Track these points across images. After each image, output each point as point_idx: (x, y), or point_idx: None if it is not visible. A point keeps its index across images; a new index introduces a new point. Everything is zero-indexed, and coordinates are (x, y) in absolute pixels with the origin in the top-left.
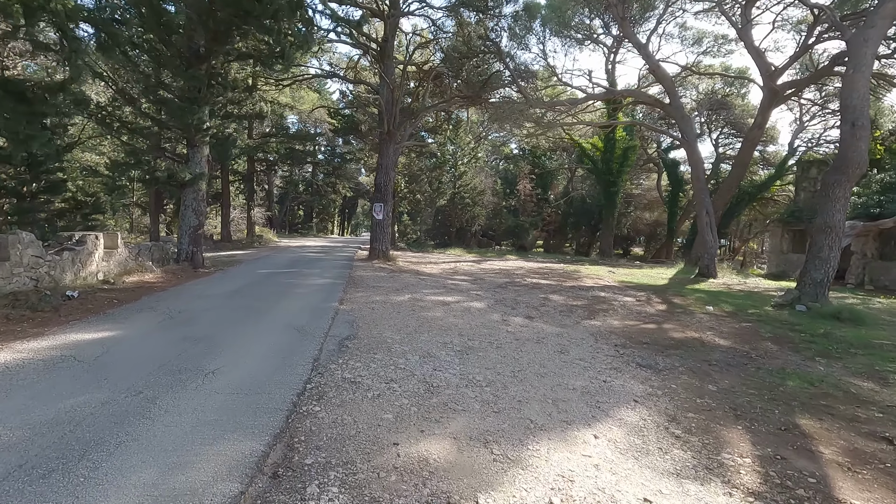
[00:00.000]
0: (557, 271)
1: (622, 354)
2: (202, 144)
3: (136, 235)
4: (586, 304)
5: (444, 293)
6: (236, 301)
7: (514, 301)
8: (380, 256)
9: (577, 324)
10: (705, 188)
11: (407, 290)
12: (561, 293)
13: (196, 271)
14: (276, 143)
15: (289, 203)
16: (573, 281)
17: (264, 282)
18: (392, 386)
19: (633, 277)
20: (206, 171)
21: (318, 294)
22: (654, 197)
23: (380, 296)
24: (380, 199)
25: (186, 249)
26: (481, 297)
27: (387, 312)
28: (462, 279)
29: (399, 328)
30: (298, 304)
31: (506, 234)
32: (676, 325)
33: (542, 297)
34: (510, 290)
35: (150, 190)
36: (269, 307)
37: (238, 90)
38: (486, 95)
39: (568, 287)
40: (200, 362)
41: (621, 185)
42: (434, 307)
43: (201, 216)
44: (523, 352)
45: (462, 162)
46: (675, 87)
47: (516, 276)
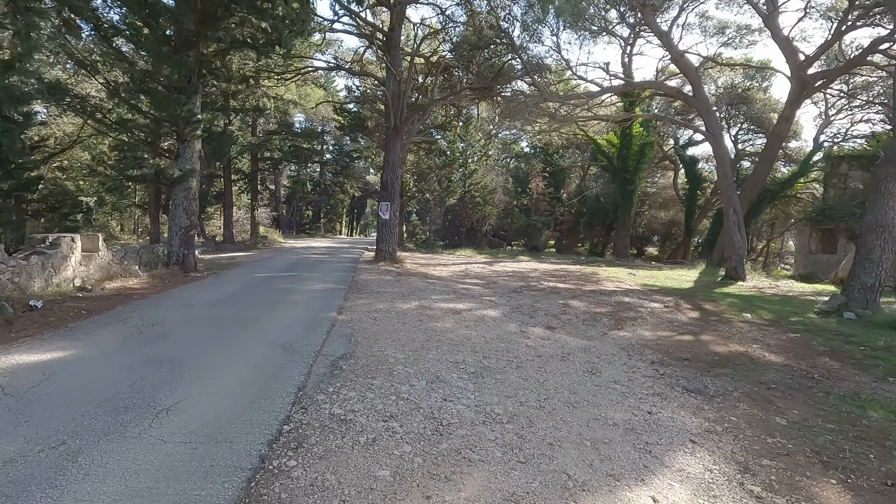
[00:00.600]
0: (574, 274)
1: (662, 375)
2: (193, 139)
3: (137, 237)
4: (611, 311)
5: (454, 299)
6: (221, 311)
7: (532, 308)
8: (386, 258)
9: (604, 335)
10: (732, 185)
11: (414, 297)
12: (581, 298)
13: (186, 276)
14: (278, 141)
15: (296, 203)
16: (593, 284)
17: (258, 288)
18: (391, 425)
19: (656, 280)
20: (197, 168)
21: (314, 302)
22: (669, 195)
23: (384, 303)
24: (386, 198)
25: (177, 252)
26: (495, 304)
27: (390, 323)
28: (474, 283)
29: (403, 343)
30: (291, 314)
31: (517, 233)
32: (715, 336)
33: (561, 304)
34: (526, 295)
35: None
36: (256, 318)
37: (234, 81)
38: (498, 88)
39: (588, 291)
40: (156, 395)
41: (638, 183)
42: (444, 316)
43: (193, 216)
44: (548, 372)
45: (472, 160)
46: (699, 78)
47: (531, 279)
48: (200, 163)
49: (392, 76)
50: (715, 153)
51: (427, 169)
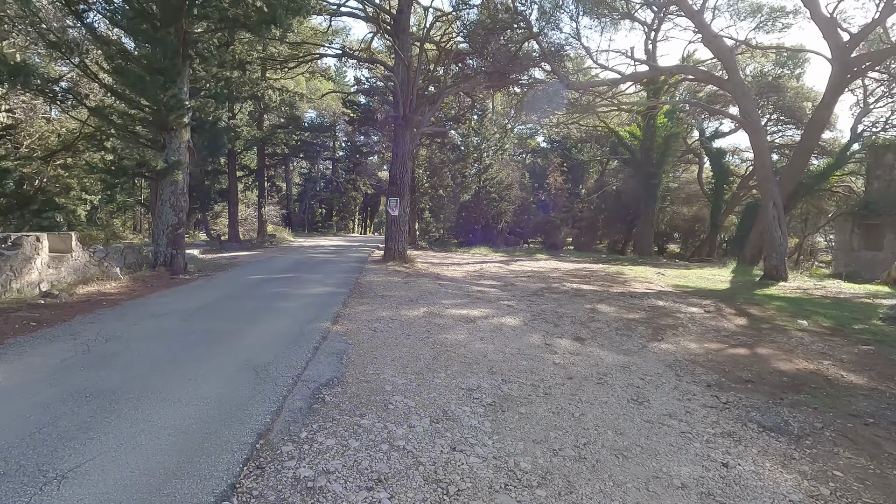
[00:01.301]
0: (598, 274)
1: (726, 404)
2: (180, 127)
3: (143, 235)
4: (646, 317)
5: (468, 304)
6: (196, 322)
7: (556, 314)
8: (395, 258)
9: (642, 348)
10: (772, 177)
11: (423, 302)
12: (610, 302)
13: (173, 278)
14: (283, 135)
15: (308, 201)
16: (620, 286)
17: (248, 292)
18: (377, 496)
19: (687, 280)
20: (184, 160)
21: (308, 309)
22: (693, 190)
23: (387, 309)
24: (395, 193)
25: (164, 252)
26: (514, 310)
27: (393, 336)
28: (489, 285)
29: (406, 363)
30: (278, 325)
31: (534, 231)
32: (774, 349)
33: (588, 309)
34: (548, 298)
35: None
36: (235, 331)
37: (228, 65)
38: (515, 76)
39: (616, 294)
40: (58, 451)
41: (662, 177)
42: (455, 326)
43: (181, 213)
44: (584, 402)
45: (488, 154)
46: (735, 61)
47: (552, 279)
48: (189, 154)
49: (401, 62)
50: (752, 142)
51: (440, 164)
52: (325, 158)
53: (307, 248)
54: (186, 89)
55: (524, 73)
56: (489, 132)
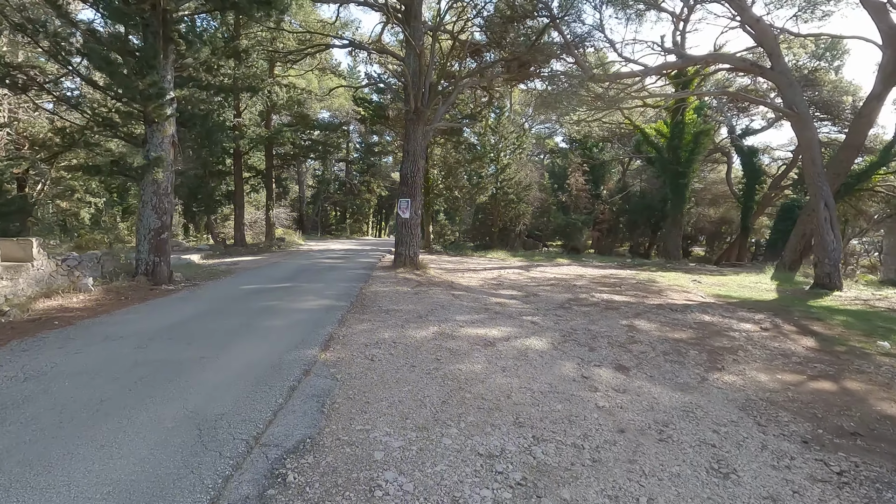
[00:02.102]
0: (628, 281)
1: (842, 476)
2: (162, 120)
3: None
4: (695, 337)
5: (485, 321)
6: (154, 349)
7: (589, 333)
8: (406, 264)
9: (702, 381)
10: (822, 174)
11: (433, 318)
12: (649, 317)
13: (153, 290)
14: (290, 133)
15: (321, 203)
16: (655, 296)
17: (233, 306)
18: None
19: (728, 289)
20: (167, 157)
21: (297, 329)
22: (719, 191)
23: (391, 329)
24: (406, 194)
25: (146, 260)
26: (540, 328)
27: (393, 367)
28: (510, 295)
29: (407, 410)
30: (253, 352)
31: (554, 233)
32: (865, 381)
33: (625, 326)
34: (577, 312)
35: None
36: (196, 362)
37: (219, 52)
38: (536, 67)
39: (654, 307)
40: None
41: (691, 177)
42: (471, 351)
43: (166, 216)
44: (648, 475)
45: (505, 154)
46: (779, 47)
47: (579, 289)
48: (174, 151)
49: (412, 51)
50: (799, 136)
51: (455, 163)
52: (339, 160)
53: (315, 253)
54: (171, 77)
55: (545, 63)
56: (506, 130)
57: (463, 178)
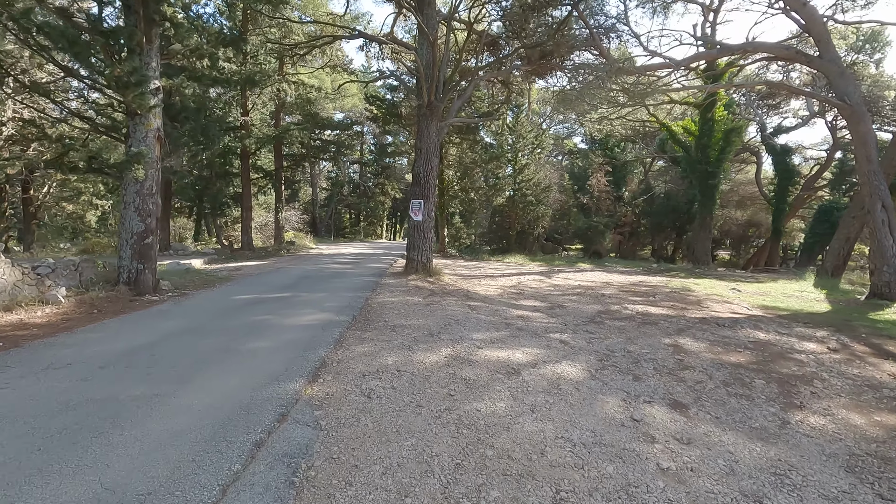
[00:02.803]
0: (661, 289)
1: None
2: (145, 111)
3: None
4: (754, 360)
5: (507, 340)
6: (99, 382)
7: (629, 356)
8: (418, 270)
9: (783, 424)
10: (879, 172)
11: (446, 335)
12: (695, 334)
13: (133, 301)
14: (298, 132)
15: (334, 206)
16: (695, 308)
17: (216, 323)
18: None
19: (773, 299)
20: (150, 153)
21: (284, 353)
22: (748, 192)
23: (396, 351)
24: (419, 195)
25: (128, 267)
26: (572, 350)
27: (394, 409)
28: (532, 307)
29: (407, 483)
30: (220, 387)
31: (574, 237)
32: None
33: (669, 346)
34: (610, 328)
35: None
36: (144, 403)
37: (212, 39)
38: (558, 59)
39: (697, 321)
40: None
41: (721, 177)
42: (492, 383)
43: (150, 218)
44: None
45: (523, 153)
46: (828, 33)
47: (608, 298)
48: (160, 146)
49: (425, 40)
50: (853, 131)
51: (471, 163)
52: (353, 162)
53: (324, 258)
54: (156, 65)
55: (568, 55)
56: (525, 129)
57: (479, 179)
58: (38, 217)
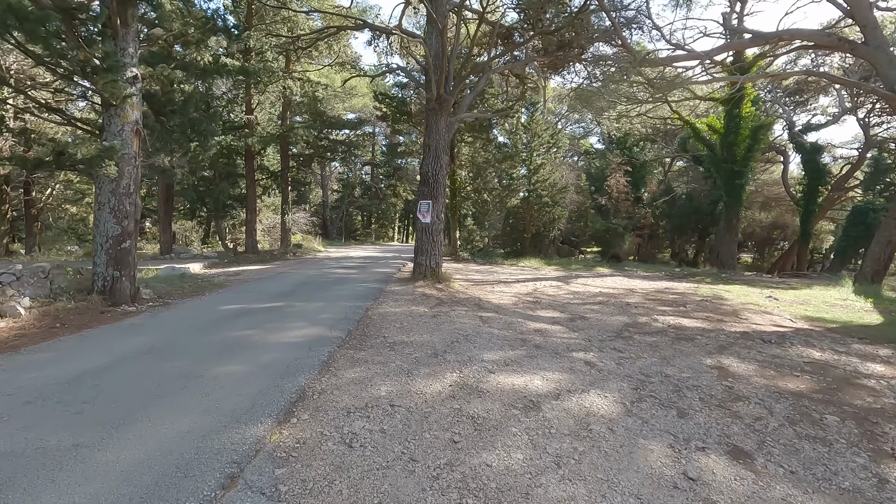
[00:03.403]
0: (690, 297)
1: None
2: (120, 102)
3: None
4: (818, 388)
5: (524, 361)
6: (16, 424)
7: (668, 382)
8: (427, 276)
9: (881, 485)
10: None
11: (453, 356)
12: (739, 353)
13: (105, 311)
14: (303, 131)
15: (345, 208)
16: (732, 319)
17: (190, 340)
18: None
19: (815, 309)
20: (126, 148)
21: (258, 380)
22: (772, 193)
23: (392, 379)
24: (427, 195)
25: (103, 274)
26: (600, 374)
27: (380, 464)
28: (550, 318)
29: None
30: (166, 431)
31: (591, 239)
32: None
33: (711, 367)
34: (641, 345)
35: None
36: (58, 456)
37: (198, 25)
38: (578, 48)
39: (738, 335)
40: None
41: (749, 176)
42: (506, 423)
43: (127, 220)
44: None
45: (538, 153)
46: (875, 18)
47: (634, 308)
48: (138, 141)
49: (434, 28)
50: None
51: (484, 163)
52: (364, 163)
53: (330, 261)
54: (133, 51)
55: (588, 46)
56: (540, 128)
57: (493, 180)
58: (41, 219)
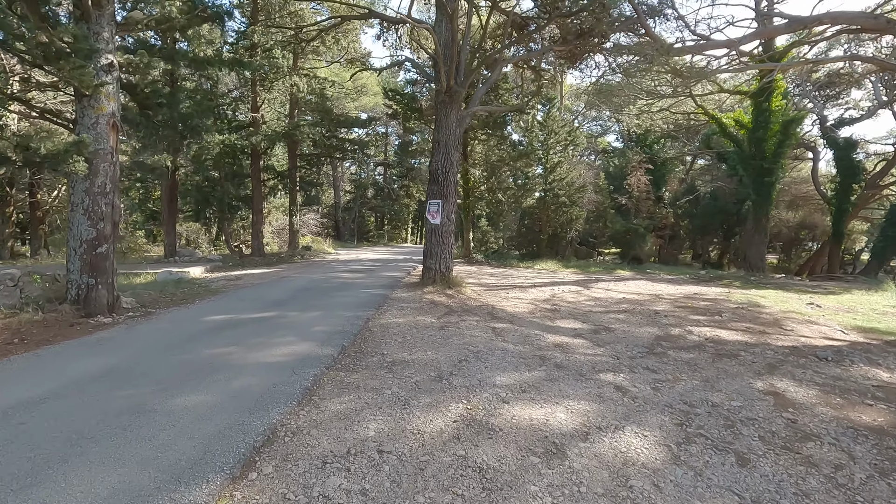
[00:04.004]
0: (723, 304)
1: None
2: (93, 91)
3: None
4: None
5: (543, 386)
6: None
7: (716, 412)
8: (436, 281)
9: None
10: None
11: (460, 380)
12: (792, 373)
13: (76, 324)
14: (308, 128)
15: (357, 209)
16: (775, 330)
17: (160, 360)
18: None
19: (865, 318)
20: (101, 142)
21: (220, 416)
22: (800, 191)
23: (385, 412)
24: (437, 194)
25: (77, 282)
26: (633, 401)
27: None
28: (572, 330)
29: None
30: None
31: (609, 240)
32: None
33: (764, 392)
34: (676, 362)
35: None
36: None
37: (184, 9)
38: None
39: (786, 351)
40: None
41: (779, 174)
42: (522, 476)
43: (104, 222)
44: None
45: (555, 151)
46: None
47: (663, 317)
48: (115, 135)
49: (444, 14)
50: None
51: (499, 161)
52: (378, 164)
53: (338, 264)
54: (109, 35)
55: (609, 34)
56: (557, 125)
57: (507, 179)
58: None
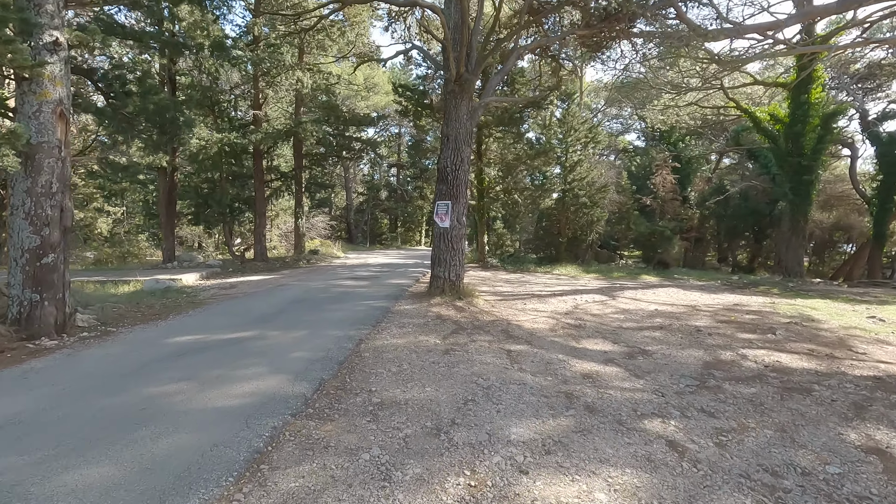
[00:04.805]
0: (771, 318)
1: None
2: (37, 75)
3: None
4: None
5: (572, 443)
6: None
7: (808, 483)
8: (445, 290)
9: None
10: None
11: (462, 435)
12: (885, 416)
13: (7, 350)
14: (311, 126)
15: (370, 211)
16: (843, 353)
17: (79, 406)
18: None
19: None
20: (42, 134)
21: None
22: (835, 191)
23: (356, 495)
24: (446, 195)
25: (19, 297)
26: (693, 464)
27: None
28: (602, 352)
29: None
30: None
31: (631, 243)
32: None
33: (862, 448)
34: (736, 399)
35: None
36: None
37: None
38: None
39: (867, 381)
40: None
41: (819, 171)
42: None
43: (47, 229)
44: None
45: (574, 149)
46: None
47: (706, 335)
48: (64, 126)
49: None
50: None
51: (515, 160)
52: (391, 165)
53: (343, 270)
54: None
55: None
56: (576, 121)
57: (524, 179)
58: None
